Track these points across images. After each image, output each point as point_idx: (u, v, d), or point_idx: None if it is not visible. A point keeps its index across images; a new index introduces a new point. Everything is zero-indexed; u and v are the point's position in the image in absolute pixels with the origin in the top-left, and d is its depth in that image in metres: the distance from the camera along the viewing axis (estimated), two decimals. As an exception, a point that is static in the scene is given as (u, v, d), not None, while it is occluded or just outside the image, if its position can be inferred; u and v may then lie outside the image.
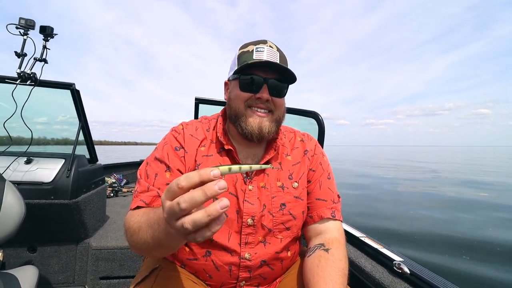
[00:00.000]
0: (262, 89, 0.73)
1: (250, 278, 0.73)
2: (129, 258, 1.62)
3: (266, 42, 0.76)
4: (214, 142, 0.80)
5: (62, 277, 1.65)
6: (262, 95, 0.73)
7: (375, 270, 1.04)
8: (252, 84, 0.73)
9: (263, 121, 0.74)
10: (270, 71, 0.74)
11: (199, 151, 0.77)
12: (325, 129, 1.55)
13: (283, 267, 0.78)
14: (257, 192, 0.75)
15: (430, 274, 0.94)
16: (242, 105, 0.75)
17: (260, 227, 0.73)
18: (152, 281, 0.68)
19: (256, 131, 0.73)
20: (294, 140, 0.89)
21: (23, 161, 1.53)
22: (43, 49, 1.56)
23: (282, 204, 0.76)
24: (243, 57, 0.75)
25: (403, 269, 0.97)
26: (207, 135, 0.81)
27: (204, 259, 0.72)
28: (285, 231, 0.76)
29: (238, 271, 0.72)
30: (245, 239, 0.72)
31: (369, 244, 1.20)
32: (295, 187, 0.79)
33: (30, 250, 1.61)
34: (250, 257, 0.72)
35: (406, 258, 1.06)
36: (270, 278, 0.77)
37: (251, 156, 0.81)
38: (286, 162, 0.82)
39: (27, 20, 1.53)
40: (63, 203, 1.48)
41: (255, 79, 0.72)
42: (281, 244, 0.75)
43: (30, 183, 1.47)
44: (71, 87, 1.62)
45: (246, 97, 0.74)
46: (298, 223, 0.78)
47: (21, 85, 1.46)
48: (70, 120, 1.80)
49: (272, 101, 0.75)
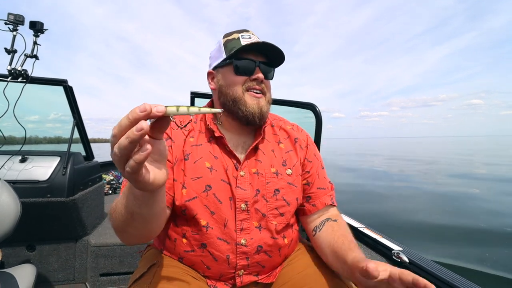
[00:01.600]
0: (256, 71, 0.77)
1: (248, 266, 0.73)
2: (129, 254, 1.62)
3: (248, 31, 0.81)
4: (203, 132, 0.81)
5: (62, 275, 1.64)
6: (258, 76, 0.77)
7: (374, 259, 1.04)
8: (246, 67, 0.77)
9: (260, 102, 0.78)
10: (260, 56, 0.78)
11: (188, 142, 0.78)
12: (322, 121, 1.54)
13: (281, 254, 0.78)
14: (249, 177, 0.77)
15: (429, 263, 0.95)
16: (240, 89, 0.77)
17: (254, 212, 0.75)
18: (151, 277, 0.67)
19: (257, 111, 0.77)
20: (285, 128, 0.91)
21: (17, 160, 1.51)
22: (33, 45, 1.52)
23: (276, 190, 0.77)
24: (231, 44, 0.78)
25: (402, 258, 0.98)
26: (195, 126, 0.82)
27: (201, 250, 0.72)
28: (279, 217, 0.77)
29: (235, 259, 0.72)
30: (240, 225, 0.73)
31: (368, 234, 1.21)
32: (289, 174, 0.81)
33: (28, 249, 1.61)
34: (246, 243, 0.72)
35: (405, 247, 1.07)
36: (268, 267, 0.77)
37: (241, 143, 0.83)
38: (279, 150, 0.84)
39: (16, 15, 1.49)
40: (60, 201, 1.47)
41: (249, 63, 0.76)
42: (276, 229, 0.76)
43: (26, 182, 1.45)
44: (64, 83, 1.59)
45: (242, 81, 0.77)
46: (291, 209, 0.79)
47: (12, 83, 1.43)
48: (63, 118, 1.78)
49: (263, 83, 0.79)
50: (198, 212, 0.71)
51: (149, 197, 0.50)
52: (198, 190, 0.72)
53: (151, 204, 0.52)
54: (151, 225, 0.60)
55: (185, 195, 0.72)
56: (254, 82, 0.77)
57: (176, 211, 0.75)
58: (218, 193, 0.73)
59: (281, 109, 1.68)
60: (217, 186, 0.73)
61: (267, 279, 0.78)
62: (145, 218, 0.55)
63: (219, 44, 0.81)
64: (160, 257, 0.77)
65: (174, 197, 0.73)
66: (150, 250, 0.84)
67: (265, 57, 0.79)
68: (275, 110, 1.65)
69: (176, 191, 0.73)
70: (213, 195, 0.72)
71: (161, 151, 0.44)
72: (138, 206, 0.51)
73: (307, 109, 1.55)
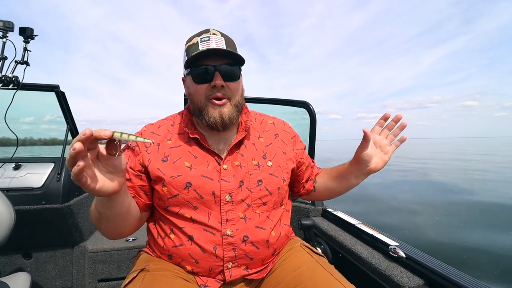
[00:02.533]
0: (215, 77, 0.75)
1: (236, 258, 0.74)
2: (127, 259, 1.61)
3: (209, 31, 0.78)
4: (181, 134, 0.84)
5: (60, 281, 1.63)
6: (215, 82, 0.75)
7: (371, 256, 1.04)
8: (204, 74, 0.75)
9: (222, 109, 0.77)
10: (219, 58, 0.75)
11: (166, 145, 0.81)
12: (316, 119, 1.53)
13: (269, 247, 0.78)
14: (232, 170, 0.79)
15: (426, 257, 0.95)
16: (202, 98, 0.78)
17: (239, 202, 0.76)
18: (141, 281, 0.68)
19: (219, 120, 0.77)
20: (266, 123, 0.94)
21: (11, 167, 1.50)
22: (24, 51, 1.51)
23: (259, 180, 0.80)
24: (190, 50, 0.76)
25: (398, 253, 0.97)
26: (172, 129, 0.85)
27: (189, 243, 0.73)
28: (262, 206, 0.80)
29: (222, 251, 0.73)
30: (225, 216, 0.75)
31: (365, 230, 1.21)
32: (270, 165, 0.83)
33: (25, 257, 1.59)
34: (231, 233, 0.74)
35: (402, 242, 1.07)
36: (257, 259, 0.77)
37: (223, 140, 0.84)
38: (259, 143, 0.87)
39: (5, 22, 1.47)
40: (55, 208, 1.46)
41: (206, 68, 0.75)
42: (260, 219, 0.78)
43: (20, 189, 1.44)
44: (55, 89, 1.58)
45: (204, 89, 0.77)
46: (274, 198, 0.82)
47: (3, 89, 1.42)
48: (58, 119, 1.76)
49: (227, 86, 0.77)
50: (182, 208, 0.75)
51: (106, 200, 0.60)
52: (179, 187, 0.74)
53: (110, 207, 0.63)
54: (116, 224, 0.69)
55: (167, 193, 0.75)
56: (214, 89, 0.76)
57: (160, 211, 0.79)
58: (199, 189, 0.75)
59: (277, 110, 1.67)
60: (198, 183, 0.75)
61: (257, 275, 0.78)
62: (108, 217, 0.65)
63: (184, 51, 0.81)
64: (151, 261, 0.77)
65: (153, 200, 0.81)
66: (142, 255, 0.84)
67: (228, 58, 0.76)
68: (269, 110, 1.65)
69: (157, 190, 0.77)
70: (194, 191, 0.74)
71: (116, 165, 0.54)
72: (101, 207, 0.63)
73: (300, 107, 1.55)
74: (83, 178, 0.48)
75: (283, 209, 0.86)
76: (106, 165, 0.53)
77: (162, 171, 0.75)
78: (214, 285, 0.74)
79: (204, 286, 0.73)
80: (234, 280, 0.76)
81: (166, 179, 0.75)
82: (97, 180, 0.51)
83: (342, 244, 1.20)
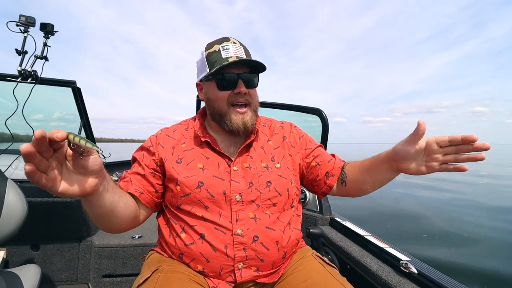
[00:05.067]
0: (239, 85, 0.80)
1: (247, 258, 0.74)
2: (132, 256, 1.62)
3: (229, 40, 0.82)
4: (194, 137, 0.88)
5: (65, 275, 1.65)
6: (240, 90, 0.80)
7: (381, 269, 1.02)
8: (228, 81, 0.80)
9: (245, 117, 0.82)
10: (240, 66, 0.81)
11: (180, 148, 0.85)
12: (329, 126, 1.52)
13: (279, 249, 0.78)
14: (242, 171, 0.82)
15: (438, 274, 0.92)
16: (224, 104, 0.81)
17: (249, 203, 0.78)
18: (155, 282, 0.68)
19: (242, 127, 0.81)
20: (274, 127, 0.97)
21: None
22: (43, 47, 1.54)
23: (268, 182, 0.81)
24: (212, 57, 0.80)
25: (410, 269, 0.95)
26: (186, 134, 0.90)
27: (201, 241, 0.75)
28: (272, 207, 0.81)
29: (233, 250, 0.73)
30: (235, 216, 0.76)
31: (375, 243, 1.18)
32: (278, 167, 0.85)
33: (33, 248, 1.61)
34: (242, 233, 0.75)
35: (413, 258, 1.04)
36: (267, 262, 0.76)
37: (233, 143, 0.87)
38: (268, 147, 0.90)
39: (27, 17, 1.51)
40: (66, 201, 1.48)
41: (231, 77, 0.79)
42: (270, 220, 0.79)
43: None
44: (72, 85, 1.61)
45: (226, 96, 0.81)
46: (283, 199, 0.82)
47: (21, 83, 1.45)
48: (66, 117, 1.79)
49: (248, 93, 0.82)
50: (194, 207, 0.77)
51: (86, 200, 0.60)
52: (191, 186, 0.77)
53: (89, 207, 0.63)
54: (104, 221, 0.70)
55: (180, 191, 0.77)
56: (238, 96, 0.80)
57: (172, 209, 0.81)
58: (210, 188, 0.77)
59: (284, 113, 1.67)
60: (209, 182, 0.77)
61: (268, 279, 0.78)
62: (94, 215, 0.66)
63: (202, 56, 0.84)
64: (163, 261, 0.78)
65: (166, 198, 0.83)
66: (153, 255, 0.85)
67: (248, 67, 0.82)
68: (280, 114, 1.64)
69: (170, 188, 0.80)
70: (206, 190, 0.76)
71: (84, 166, 0.52)
72: (85, 206, 0.64)
73: (313, 114, 1.54)
74: (41, 181, 0.46)
75: (293, 211, 0.87)
76: (75, 166, 0.52)
77: (176, 171, 0.79)
78: (226, 287, 0.74)
79: None
80: (245, 283, 0.76)
81: (179, 179, 0.78)
82: (59, 182, 0.49)
83: (351, 255, 1.18)
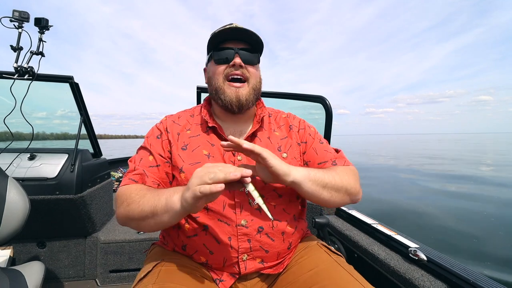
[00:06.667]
0: (235, 57, 0.80)
1: (251, 250, 0.73)
2: (138, 251, 1.62)
3: (232, 24, 0.82)
4: (200, 124, 0.87)
5: (72, 271, 1.66)
6: (235, 61, 0.80)
7: (389, 257, 1.00)
8: (225, 55, 0.80)
9: (239, 90, 0.81)
10: (240, 43, 0.81)
11: (185, 134, 0.84)
12: (332, 114, 1.48)
13: (284, 240, 0.77)
14: (247, 161, 0.80)
15: (448, 260, 0.90)
16: (220, 78, 0.81)
17: None
18: (156, 276, 0.67)
19: (235, 100, 0.80)
20: (280, 118, 0.96)
21: (26, 157, 1.51)
22: (39, 42, 1.51)
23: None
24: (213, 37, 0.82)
25: (419, 256, 0.93)
26: (191, 120, 0.89)
27: (204, 233, 0.73)
28: (278, 199, 0.79)
29: (237, 242, 0.72)
30: (239, 206, 0.74)
31: (382, 231, 1.16)
32: (285, 157, 0.84)
33: (39, 246, 1.62)
34: (246, 224, 0.73)
35: (422, 245, 1.02)
36: (272, 252, 0.75)
37: (238, 132, 0.87)
38: (275, 137, 0.88)
39: (21, 12, 1.48)
40: (69, 198, 1.47)
41: (227, 51, 0.80)
42: (276, 211, 0.77)
43: (35, 179, 1.46)
44: (70, 80, 1.58)
45: (222, 69, 0.81)
46: (289, 190, 0.80)
47: (19, 80, 1.43)
48: (69, 114, 1.77)
49: (246, 69, 0.81)
50: None
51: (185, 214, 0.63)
52: None
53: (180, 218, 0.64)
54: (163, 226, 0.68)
55: (184, 179, 0.76)
56: (233, 68, 0.80)
57: None
58: None
59: (288, 105, 1.63)
60: None
61: (273, 270, 0.76)
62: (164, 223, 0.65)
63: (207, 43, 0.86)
64: (165, 255, 0.77)
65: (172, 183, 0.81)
66: (155, 249, 0.84)
67: (247, 44, 0.82)
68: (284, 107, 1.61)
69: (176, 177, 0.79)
70: None
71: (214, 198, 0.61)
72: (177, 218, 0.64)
73: (316, 102, 1.50)
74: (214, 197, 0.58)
75: (299, 203, 0.85)
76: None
77: (182, 158, 0.78)
78: (229, 279, 0.73)
79: (219, 281, 0.72)
80: (250, 274, 0.74)
81: (184, 166, 0.77)
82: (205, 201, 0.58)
83: (358, 244, 1.16)
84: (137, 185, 0.74)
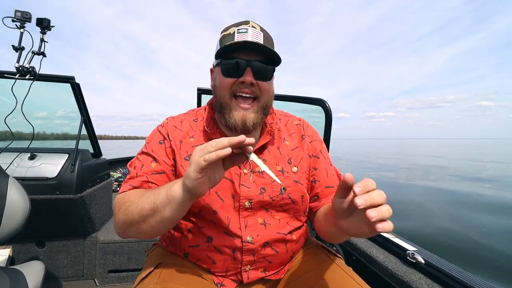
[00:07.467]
0: (246, 73, 0.69)
1: (255, 262, 0.72)
2: (137, 251, 1.62)
3: (248, 23, 0.71)
4: (203, 131, 0.79)
5: (71, 271, 1.66)
6: (245, 78, 0.69)
7: (387, 260, 1.01)
8: (234, 68, 0.69)
9: (247, 114, 0.71)
10: (253, 53, 0.69)
11: (188, 142, 0.77)
12: (332, 117, 1.49)
13: (288, 250, 0.76)
14: (253, 176, 0.74)
15: (446, 264, 0.91)
16: (227, 93, 0.71)
17: (258, 209, 0.73)
18: (157, 277, 0.67)
19: (240, 125, 0.71)
20: (291, 124, 0.87)
21: (26, 157, 1.52)
22: (40, 42, 1.52)
23: (283, 188, 0.74)
24: (225, 41, 0.71)
25: (417, 259, 0.94)
26: (195, 126, 0.81)
27: (207, 245, 0.71)
28: (282, 213, 0.76)
29: (241, 255, 0.70)
30: (244, 222, 0.71)
31: (380, 233, 1.17)
32: (295, 172, 0.77)
33: (38, 245, 1.62)
34: (252, 240, 0.70)
35: (420, 248, 1.03)
36: (275, 263, 0.75)
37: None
38: (284, 147, 0.81)
39: (23, 12, 1.48)
40: (69, 198, 1.48)
41: (237, 62, 0.68)
42: (281, 224, 0.75)
43: (35, 179, 1.46)
44: (71, 80, 1.59)
45: (230, 83, 0.71)
46: (296, 206, 0.77)
47: (20, 80, 1.43)
48: (70, 114, 1.78)
49: (257, 85, 0.71)
50: (202, 209, 0.71)
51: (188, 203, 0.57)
52: None
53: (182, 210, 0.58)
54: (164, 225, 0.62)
55: None
56: (242, 85, 0.70)
57: None
58: (220, 191, 0.72)
59: (287, 109, 1.63)
60: (219, 184, 0.68)
61: (275, 276, 0.76)
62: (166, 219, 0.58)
63: (217, 40, 0.75)
64: (166, 256, 0.77)
65: None
66: (156, 249, 0.84)
67: (262, 55, 0.70)
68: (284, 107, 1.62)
69: None
70: (215, 193, 0.71)
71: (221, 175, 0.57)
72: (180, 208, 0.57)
73: (316, 104, 1.51)
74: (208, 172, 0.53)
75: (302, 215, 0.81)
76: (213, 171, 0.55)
77: (185, 169, 0.71)
78: (231, 284, 0.72)
79: (221, 285, 0.72)
80: (252, 282, 0.74)
81: None
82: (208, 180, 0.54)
83: (356, 246, 1.16)
84: (136, 189, 0.69)
